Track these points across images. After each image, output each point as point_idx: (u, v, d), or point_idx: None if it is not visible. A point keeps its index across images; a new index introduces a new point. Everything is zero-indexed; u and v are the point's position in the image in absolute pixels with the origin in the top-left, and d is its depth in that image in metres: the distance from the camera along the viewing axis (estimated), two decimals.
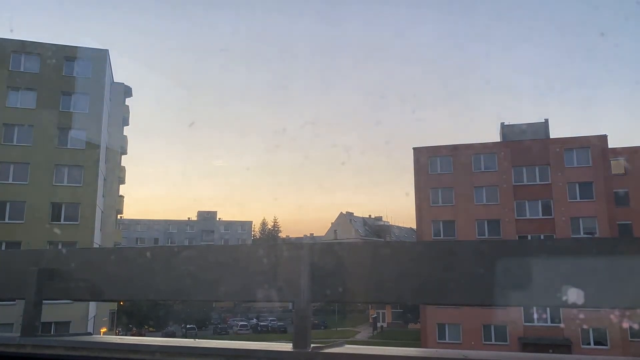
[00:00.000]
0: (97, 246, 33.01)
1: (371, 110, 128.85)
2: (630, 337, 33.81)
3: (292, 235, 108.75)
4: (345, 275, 1.86)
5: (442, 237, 39.35)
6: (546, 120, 42.02)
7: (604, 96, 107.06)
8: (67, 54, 34.92)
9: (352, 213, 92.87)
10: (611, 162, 38.51)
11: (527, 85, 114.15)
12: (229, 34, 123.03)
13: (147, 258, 2.21)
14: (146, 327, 59.20)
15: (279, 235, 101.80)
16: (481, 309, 33.51)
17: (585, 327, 34.54)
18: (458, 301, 1.88)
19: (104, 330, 36.39)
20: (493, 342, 36.10)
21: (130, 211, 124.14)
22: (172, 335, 54.81)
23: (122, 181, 44.83)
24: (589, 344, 34.39)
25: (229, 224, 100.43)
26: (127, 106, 45.02)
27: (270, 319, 69.35)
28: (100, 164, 34.76)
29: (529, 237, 35.22)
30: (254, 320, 69.25)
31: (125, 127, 45.23)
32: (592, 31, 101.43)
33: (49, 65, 34.17)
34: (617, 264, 1.58)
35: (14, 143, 33.05)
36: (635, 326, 32.08)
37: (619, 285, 1.56)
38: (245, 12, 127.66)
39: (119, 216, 46.89)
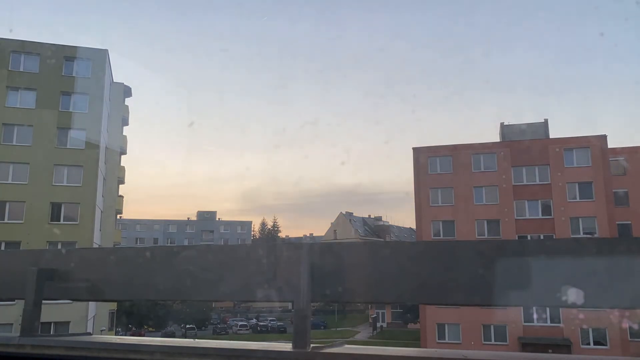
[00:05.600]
0: (97, 246, 33.00)
1: (371, 110, 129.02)
2: (630, 337, 33.84)
3: (292, 235, 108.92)
4: (345, 275, 1.86)
5: (441, 237, 39.36)
6: (546, 120, 42.08)
7: (604, 96, 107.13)
8: (67, 54, 34.92)
9: (352, 213, 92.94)
10: (611, 162, 38.53)
11: (527, 85, 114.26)
12: (229, 34, 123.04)
13: (146, 258, 2.21)
14: (146, 327, 59.22)
15: (279, 235, 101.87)
16: (481, 309, 33.53)
17: (584, 327, 34.57)
18: (458, 301, 1.88)
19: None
20: (493, 342, 36.12)
21: (130, 211, 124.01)
22: (172, 335, 54.85)
23: (122, 181, 44.81)
24: (589, 344, 34.42)
25: (229, 224, 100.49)
26: (127, 106, 45.04)
27: (270, 319, 69.35)
28: (99, 164, 34.76)
29: (529, 237, 35.24)
30: (254, 320, 69.26)
31: (124, 127, 45.25)
32: (592, 31, 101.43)
33: (48, 65, 34.17)
34: (617, 264, 1.58)
35: (14, 143, 33.05)
36: (635, 326, 32.14)
37: (619, 285, 1.56)
38: (245, 12, 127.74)
39: (118, 216, 46.88)
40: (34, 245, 28.39)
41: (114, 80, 40.56)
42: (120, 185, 44.75)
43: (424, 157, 41.27)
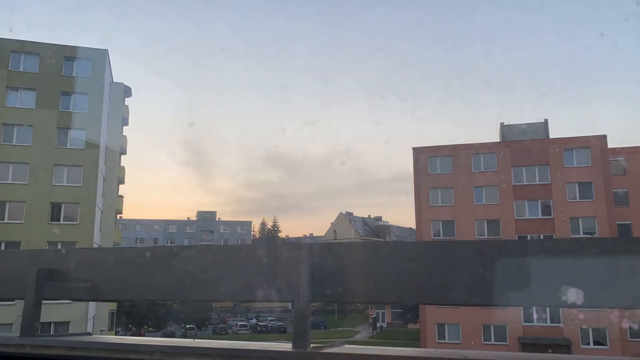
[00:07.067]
0: (97, 246, 32.99)
1: (371, 110, 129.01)
2: (630, 337, 33.84)
3: (292, 235, 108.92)
4: (345, 275, 1.86)
5: (441, 237, 39.37)
6: (546, 120, 42.08)
7: (604, 96, 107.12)
8: (67, 54, 34.91)
9: (352, 213, 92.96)
10: (611, 162, 38.53)
11: (527, 85, 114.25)
12: (229, 34, 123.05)
13: (146, 258, 2.20)
14: (146, 327, 59.22)
15: (279, 235, 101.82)
16: (481, 309, 33.52)
17: (584, 327, 34.57)
18: (458, 301, 1.88)
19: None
20: (493, 342, 36.12)
21: (130, 211, 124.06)
22: (172, 335, 54.89)
23: (122, 181, 44.81)
24: (589, 344, 34.42)
25: (229, 224, 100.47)
26: (127, 106, 45.05)
27: (270, 319, 69.36)
28: (99, 163, 34.75)
29: (529, 237, 35.24)
30: (254, 320, 69.28)
31: (124, 127, 45.25)
32: (592, 31, 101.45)
33: (48, 65, 34.15)
34: (617, 264, 1.58)
35: (14, 143, 33.04)
36: (635, 326, 32.14)
37: (619, 285, 1.56)
38: (245, 12, 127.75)
39: (118, 216, 46.87)
40: (34, 245, 28.35)
41: (114, 80, 40.55)
42: (120, 185, 44.76)
43: (424, 157, 41.26)
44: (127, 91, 44.33)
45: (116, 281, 2.26)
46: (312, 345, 1.75)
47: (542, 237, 35.17)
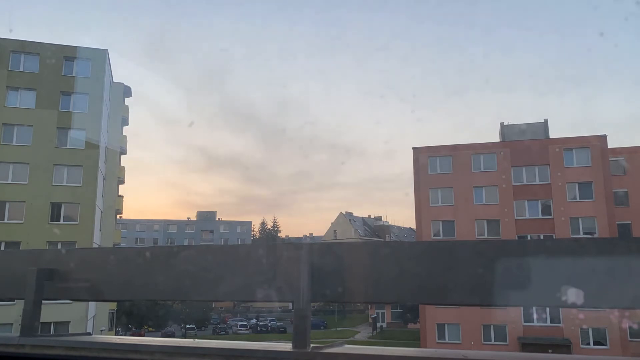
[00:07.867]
0: (97, 246, 32.98)
1: (371, 110, 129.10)
2: (630, 337, 33.84)
3: (292, 235, 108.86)
4: (344, 275, 1.86)
5: (441, 237, 39.36)
6: (546, 120, 42.07)
7: (604, 96, 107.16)
8: (67, 54, 34.89)
9: (352, 213, 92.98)
10: (611, 162, 38.52)
11: (527, 85, 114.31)
12: (229, 33, 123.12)
13: (146, 258, 2.20)
14: (146, 327, 59.21)
15: (279, 235, 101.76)
16: (481, 309, 33.52)
17: (584, 327, 34.57)
18: (458, 301, 1.87)
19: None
20: (493, 342, 36.11)
21: (130, 211, 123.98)
22: (172, 335, 54.84)
23: (122, 181, 44.78)
24: (589, 344, 34.42)
25: (229, 224, 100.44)
26: (127, 106, 45.03)
27: (270, 319, 69.36)
28: (99, 163, 34.74)
29: (529, 237, 35.23)
30: (254, 320, 69.27)
31: (124, 127, 45.24)
32: (592, 31, 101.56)
33: (48, 65, 34.14)
34: (616, 264, 1.57)
35: (14, 143, 33.02)
36: (635, 326, 32.14)
37: (619, 285, 1.56)
38: (245, 12, 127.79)
39: (118, 216, 46.84)
40: (34, 245, 28.34)
41: (114, 80, 40.53)
42: (120, 185, 44.73)
43: (424, 157, 41.26)
44: (127, 91, 44.31)
45: (116, 281, 2.26)
46: (312, 345, 1.75)
47: (542, 237, 35.17)
